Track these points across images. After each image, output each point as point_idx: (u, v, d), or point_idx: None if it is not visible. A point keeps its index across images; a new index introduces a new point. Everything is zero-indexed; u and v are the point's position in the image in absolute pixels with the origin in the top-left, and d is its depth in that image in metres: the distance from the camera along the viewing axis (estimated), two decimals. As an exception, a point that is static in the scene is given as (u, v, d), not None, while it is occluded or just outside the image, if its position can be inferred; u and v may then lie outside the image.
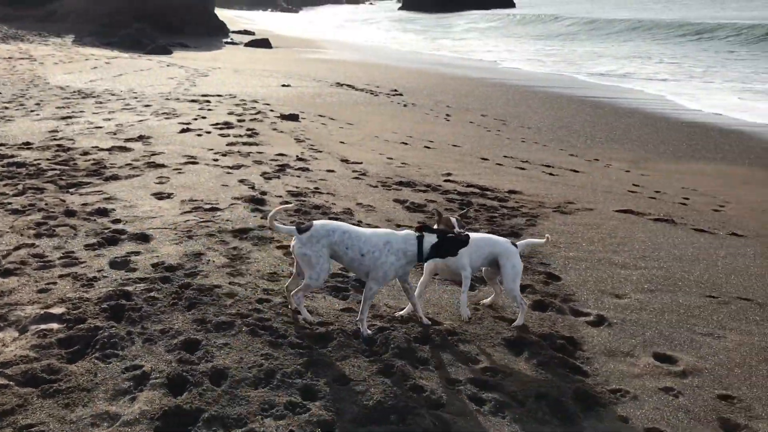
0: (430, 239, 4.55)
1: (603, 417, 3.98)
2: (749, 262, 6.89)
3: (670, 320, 5.36)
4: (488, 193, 8.88)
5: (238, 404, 3.69)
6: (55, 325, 4.44)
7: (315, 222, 4.62)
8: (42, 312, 4.61)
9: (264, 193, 7.94)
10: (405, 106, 17.32)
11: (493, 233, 7.03)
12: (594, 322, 5.22)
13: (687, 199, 9.61)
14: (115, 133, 11.13)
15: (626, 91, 22.67)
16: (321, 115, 14.67)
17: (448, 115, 16.26)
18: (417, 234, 4.58)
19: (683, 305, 5.66)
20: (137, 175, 8.51)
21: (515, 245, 5.17)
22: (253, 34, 46.34)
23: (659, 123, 16.34)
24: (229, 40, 40.92)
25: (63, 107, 13.66)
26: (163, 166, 9.04)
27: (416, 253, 4.55)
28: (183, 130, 11.62)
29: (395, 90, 20.03)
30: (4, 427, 3.42)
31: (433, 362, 4.35)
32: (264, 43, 37.73)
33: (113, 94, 15.89)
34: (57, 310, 4.64)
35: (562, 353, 4.65)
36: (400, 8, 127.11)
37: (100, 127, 11.62)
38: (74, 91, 16.04)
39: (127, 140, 10.59)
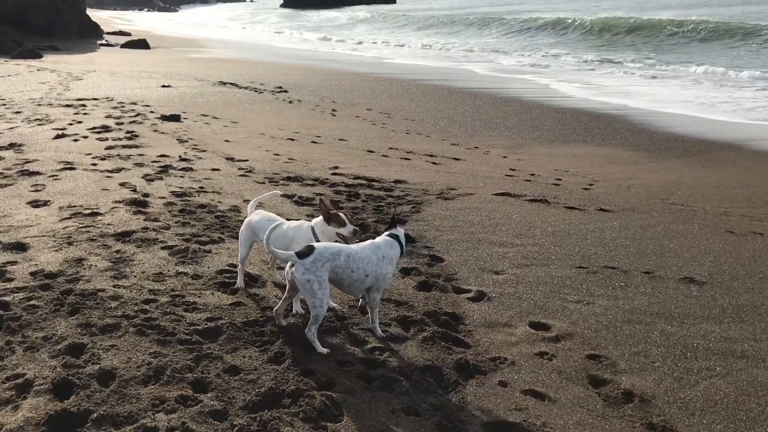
0: (400, 232, 4.78)
1: (484, 383, 4.25)
2: (615, 234, 7.45)
3: (544, 291, 5.75)
4: (375, 183, 9.10)
5: (128, 402, 3.69)
6: (-74, 342, 4.24)
7: (317, 245, 4.43)
8: None
9: (146, 195, 7.81)
10: (290, 102, 17.32)
11: (380, 222, 7.26)
12: (474, 298, 5.53)
13: (560, 180, 10.21)
14: (-18, 142, 10.54)
15: (504, 81, 23.62)
16: (204, 115, 14.45)
17: (334, 110, 16.41)
18: (392, 233, 4.74)
19: (556, 277, 6.08)
20: (10, 184, 8.14)
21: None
22: (129, 34, 44.74)
23: (534, 110, 17.16)
24: (103, 41, 39.29)
25: None
26: (37, 173, 8.68)
27: (400, 252, 4.73)
28: (58, 136, 11.16)
29: (280, 87, 19.97)
30: None
31: (324, 347, 4.48)
32: (142, 44, 36.50)
33: (-22, 102, 14.98)
34: (-73, 326, 4.43)
35: (446, 328, 4.91)
36: (282, 5, 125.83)
37: (-35, 137, 10.97)
38: (-67, 100, 15.00)
39: (-3, 149, 10.07)
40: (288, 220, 5.35)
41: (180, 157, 9.96)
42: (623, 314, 5.38)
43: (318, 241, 4.79)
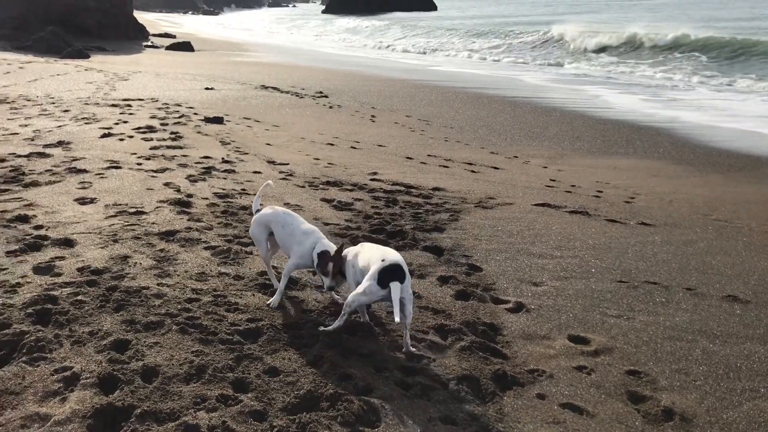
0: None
1: (521, 395, 4.24)
2: (656, 248, 7.34)
3: (584, 304, 5.69)
4: (413, 190, 9.12)
5: (170, 399, 3.77)
6: (-22, 332, 4.38)
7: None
8: (-36, 319, 4.53)
9: (190, 195, 7.95)
10: (331, 107, 17.45)
11: (418, 229, 7.29)
12: (513, 309, 5.51)
13: (600, 192, 10.11)
14: (32, 140, 10.84)
15: (547, 90, 23.47)
16: (246, 118, 14.65)
17: (373, 116, 16.49)
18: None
19: (596, 290, 6.02)
20: (58, 181, 8.35)
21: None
22: (174, 37, 45.60)
23: (576, 121, 17.02)
24: (149, 43, 40.10)
25: (-25, 113, 13.18)
26: (84, 171, 8.89)
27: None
28: (104, 135, 11.43)
29: (321, 92, 20.14)
30: (-70, 433, 3.39)
31: (362, 352, 4.51)
32: (186, 47, 37.16)
33: (29, 100, 15.40)
34: (-20, 317, 4.58)
35: (483, 338, 4.90)
36: (323, 11, 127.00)
37: (17, 134, 11.29)
38: (-14, 97, 15.47)
39: (46, 146, 10.35)
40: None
41: (223, 159, 10.12)
42: (664, 330, 5.31)
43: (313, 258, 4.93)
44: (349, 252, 4.92)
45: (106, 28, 40.05)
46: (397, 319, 4.30)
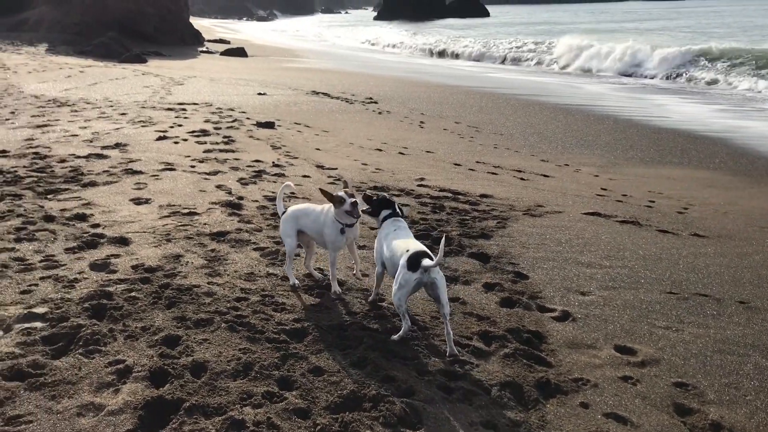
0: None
1: (565, 403, 4.21)
2: (709, 260, 7.19)
3: (632, 315, 5.62)
4: (460, 197, 9.12)
5: (217, 394, 3.88)
6: (38, 324, 4.59)
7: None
8: (25, 312, 4.75)
9: (241, 198, 8.12)
10: (380, 113, 17.56)
11: (464, 235, 7.29)
12: (559, 318, 5.47)
13: (653, 202, 9.93)
14: (91, 141, 11.23)
15: (601, 97, 23.15)
16: (297, 123, 14.86)
17: (422, 122, 16.53)
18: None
19: (644, 301, 5.93)
20: (115, 182, 8.64)
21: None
22: (228, 42, 46.46)
23: (629, 129, 16.75)
24: (204, 49, 40.98)
25: (38, 116, 13.70)
26: (140, 172, 9.17)
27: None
28: (160, 138, 11.75)
29: (370, 98, 20.28)
30: (-7, 418, 3.56)
31: (405, 355, 4.55)
32: (240, 52, 37.86)
33: (88, 103, 15.95)
34: (40, 310, 4.79)
35: (528, 346, 4.88)
36: (375, 17, 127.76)
37: (76, 135, 11.71)
38: (49, 100, 16.07)
39: (104, 148, 10.70)
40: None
41: (273, 162, 10.30)
42: (714, 343, 5.20)
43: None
44: (391, 224, 5.16)
45: (163, 33, 41.13)
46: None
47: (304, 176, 9.60)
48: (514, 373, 4.47)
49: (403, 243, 4.84)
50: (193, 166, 9.72)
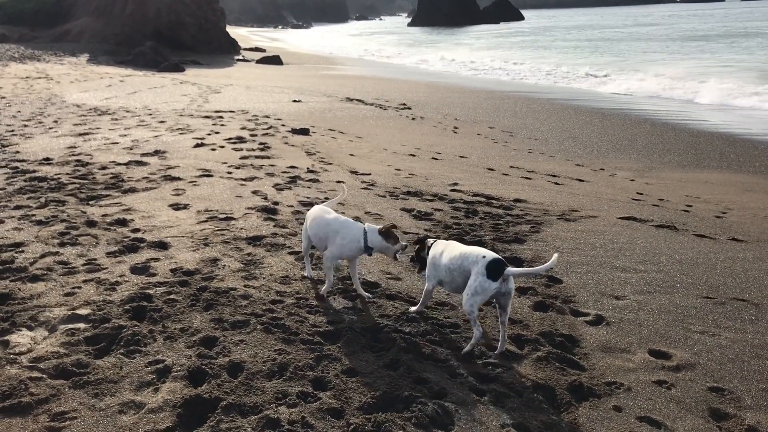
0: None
1: (597, 406, 4.21)
2: (748, 265, 7.08)
3: (667, 320, 5.57)
4: (494, 201, 9.12)
5: (253, 394, 3.97)
6: (81, 325, 4.74)
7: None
8: (69, 313, 4.91)
9: (276, 203, 8.25)
10: (413, 119, 17.63)
11: (497, 240, 7.30)
12: (593, 322, 5.45)
13: (690, 206, 9.81)
14: (131, 149, 11.50)
15: (636, 101, 22.89)
16: (331, 129, 15.00)
17: (456, 127, 16.54)
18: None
19: (680, 306, 5.87)
20: (154, 188, 8.85)
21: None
22: (264, 51, 47.05)
23: (667, 133, 16.54)
24: (240, 57, 41.57)
25: (80, 124, 14.07)
26: (178, 179, 9.37)
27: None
28: (197, 145, 11.98)
29: (404, 104, 20.36)
30: (39, 414, 3.71)
31: (437, 357, 4.59)
32: (275, 60, 38.32)
33: (128, 111, 16.32)
34: (83, 311, 4.95)
35: (561, 349, 4.88)
36: (409, 24, 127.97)
37: (117, 143, 12.00)
38: (90, 109, 16.48)
39: (144, 155, 10.96)
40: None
41: (308, 168, 10.43)
42: (752, 349, 5.13)
43: (366, 244, 5.21)
44: (434, 247, 5.11)
45: (200, 42, 41.83)
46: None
47: (338, 182, 9.70)
48: (547, 376, 4.48)
49: (470, 249, 4.77)
50: (229, 173, 9.89)
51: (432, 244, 5.15)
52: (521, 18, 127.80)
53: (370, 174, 10.39)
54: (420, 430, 3.74)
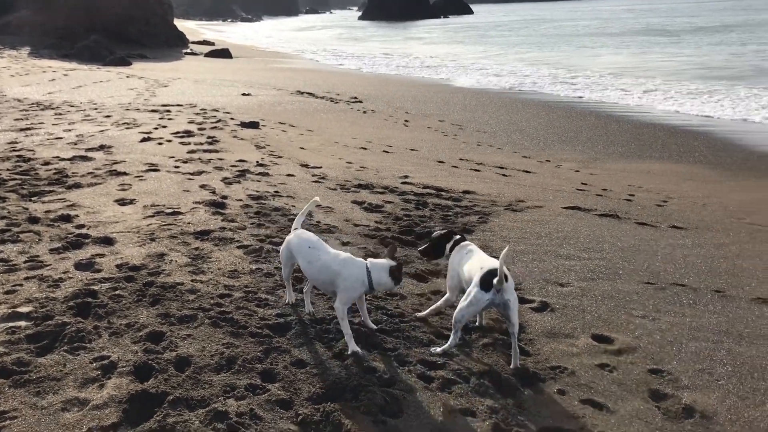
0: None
1: (542, 390, 4.31)
2: (687, 251, 7.32)
3: (609, 305, 5.73)
4: (443, 193, 9.22)
5: (201, 387, 3.95)
6: (23, 323, 4.64)
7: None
8: (9, 311, 4.79)
9: (225, 197, 8.18)
10: (364, 112, 17.65)
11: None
12: (537, 308, 5.58)
13: (632, 195, 10.08)
14: (76, 144, 11.24)
15: (580, 95, 23.33)
16: (281, 123, 14.92)
17: (406, 121, 16.63)
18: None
19: (622, 291, 6.04)
20: (99, 183, 8.67)
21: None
22: (212, 44, 46.41)
23: (611, 125, 16.93)
24: (189, 50, 40.92)
25: (21, 119, 13.68)
26: (124, 174, 9.21)
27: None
28: (144, 140, 11.78)
29: (355, 97, 20.37)
30: (-22, 414, 3.62)
31: (385, 347, 4.64)
32: (224, 53, 37.84)
33: (73, 106, 15.93)
34: (24, 309, 4.84)
35: (507, 336, 4.97)
36: (360, 17, 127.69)
37: (61, 138, 11.71)
38: (32, 103, 16.04)
39: (89, 150, 10.72)
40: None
41: (257, 162, 10.36)
42: (689, 332, 5.31)
43: (370, 281, 4.59)
44: (461, 250, 4.99)
45: (147, 36, 41.00)
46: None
47: (289, 175, 9.67)
48: (493, 362, 4.58)
49: (478, 261, 4.73)
50: (177, 167, 9.76)
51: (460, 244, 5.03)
52: (470, 12, 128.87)
53: (321, 167, 10.38)
54: (369, 418, 3.78)
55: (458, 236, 5.17)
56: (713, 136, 15.53)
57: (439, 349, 4.68)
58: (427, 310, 5.21)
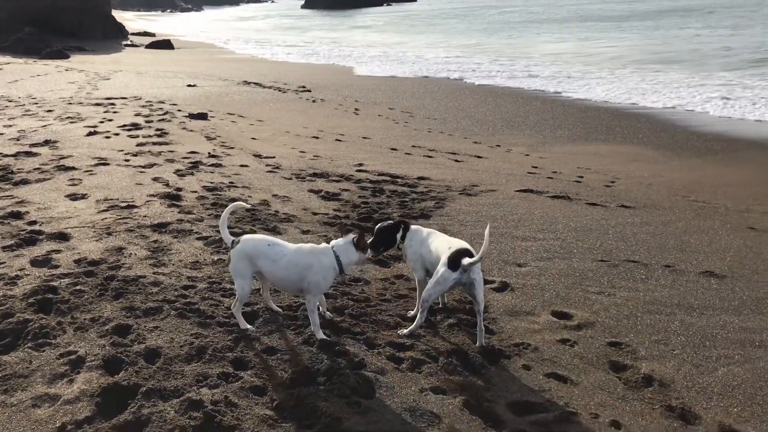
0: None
1: (508, 366, 4.44)
2: (636, 229, 7.58)
3: (566, 283, 5.91)
4: (399, 180, 9.30)
5: (173, 378, 3.94)
6: (-18, 322, 4.52)
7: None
8: (-34, 311, 4.67)
9: (179, 189, 8.09)
10: (314, 101, 17.58)
11: (405, 216, 7.47)
12: (498, 288, 5.72)
13: (581, 177, 10.35)
14: (18, 139, 10.91)
15: (526, 80, 23.71)
16: (230, 113, 14.76)
17: (357, 109, 16.64)
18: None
19: (578, 269, 6.24)
20: (48, 179, 8.46)
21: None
22: (153, 35, 45.46)
23: (557, 109, 17.27)
24: (128, 42, 39.96)
25: (-42, 115, 13.19)
26: (73, 168, 9.00)
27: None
28: (90, 133, 11.52)
29: (303, 86, 20.26)
30: (-55, 414, 3.53)
31: (354, 331, 4.70)
32: (166, 44, 37.11)
33: (11, 101, 15.43)
34: (-18, 308, 4.71)
35: (471, 316, 5.09)
36: (303, 6, 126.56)
37: (2, 134, 11.35)
38: (-32, 99, 15.46)
39: (33, 145, 10.42)
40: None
41: (209, 153, 10.25)
42: (644, 305, 5.53)
43: (340, 264, 4.54)
44: (414, 234, 5.00)
45: (84, 28, 39.88)
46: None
47: (242, 165, 9.60)
48: (459, 342, 4.68)
49: (446, 241, 4.78)
50: (127, 160, 9.59)
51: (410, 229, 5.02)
52: (413, 0, 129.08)
53: (274, 157, 10.33)
54: (342, 400, 3.84)
55: (404, 224, 5.10)
56: (655, 118, 16.01)
57: (406, 331, 4.76)
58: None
